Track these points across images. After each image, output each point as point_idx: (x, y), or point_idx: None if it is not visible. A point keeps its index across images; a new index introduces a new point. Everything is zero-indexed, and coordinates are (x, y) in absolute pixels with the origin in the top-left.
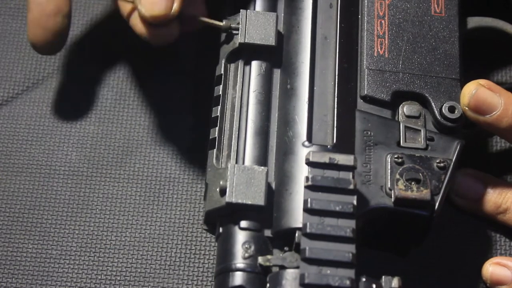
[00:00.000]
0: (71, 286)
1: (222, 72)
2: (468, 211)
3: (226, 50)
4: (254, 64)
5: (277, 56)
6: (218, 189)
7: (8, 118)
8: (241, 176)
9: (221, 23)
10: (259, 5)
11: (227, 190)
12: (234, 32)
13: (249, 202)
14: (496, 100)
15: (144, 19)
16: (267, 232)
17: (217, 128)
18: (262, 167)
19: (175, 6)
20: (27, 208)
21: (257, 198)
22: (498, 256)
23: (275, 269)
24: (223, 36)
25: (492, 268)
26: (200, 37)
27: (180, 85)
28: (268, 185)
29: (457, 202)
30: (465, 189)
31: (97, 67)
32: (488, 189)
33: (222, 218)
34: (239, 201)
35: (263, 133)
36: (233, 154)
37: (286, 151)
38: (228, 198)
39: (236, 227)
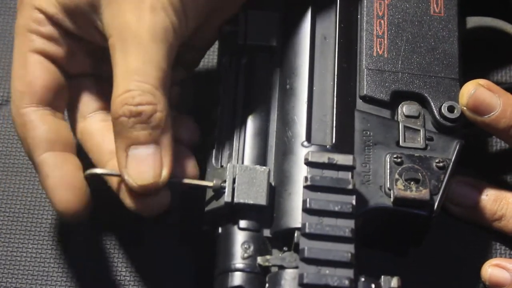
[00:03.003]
0: (71, 286)
1: (222, 72)
2: (463, 219)
3: (226, 50)
4: (254, 64)
5: (277, 56)
6: (217, 189)
7: (8, 118)
8: (243, 176)
9: (210, 183)
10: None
11: (226, 189)
12: (222, 191)
13: (251, 202)
14: (494, 100)
15: (132, 190)
16: (266, 232)
17: (216, 128)
18: (264, 167)
19: (164, 173)
20: (27, 208)
21: (259, 198)
22: (497, 258)
23: (274, 269)
24: (223, 36)
25: (491, 270)
26: None
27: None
28: (270, 185)
29: (452, 210)
30: (460, 197)
31: None
32: (483, 197)
33: (221, 218)
34: (241, 200)
35: (262, 133)
36: (233, 154)
37: (285, 151)
38: (226, 197)
39: (235, 227)
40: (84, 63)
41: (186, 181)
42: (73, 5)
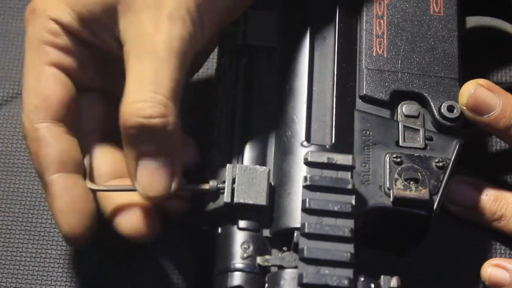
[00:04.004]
0: (71, 286)
1: (221, 72)
2: (463, 219)
3: (225, 50)
4: (253, 64)
5: (276, 56)
6: (217, 190)
7: (8, 118)
8: (243, 176)
9: (209, 186)
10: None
11: (225, 190)
12: (221, 191)
13: (251, 202)
14: (494, 100)
15: (142, 196)
16: (266, 232)
17: (216, 128)
18: (264, 167)
19: (174, 184)
20: (27, 208)
21: (259, 198)
22: (497, 258)
23: (273, 269)
24: (223, 37)
25: (490, 270)
26: None
27: None
28: (270, 185)
29: (452, 209)
30: (459, 196)
31: None
32: (482, 196)
33: (221, 218)
34: (241, 201)
35: (262, 133)
36: (233, 154)
37: (284, 151)
38: (226, 198)
39: (235, 227)
40: (93, 76)
41: (186, 186)
42: (89, 13)
